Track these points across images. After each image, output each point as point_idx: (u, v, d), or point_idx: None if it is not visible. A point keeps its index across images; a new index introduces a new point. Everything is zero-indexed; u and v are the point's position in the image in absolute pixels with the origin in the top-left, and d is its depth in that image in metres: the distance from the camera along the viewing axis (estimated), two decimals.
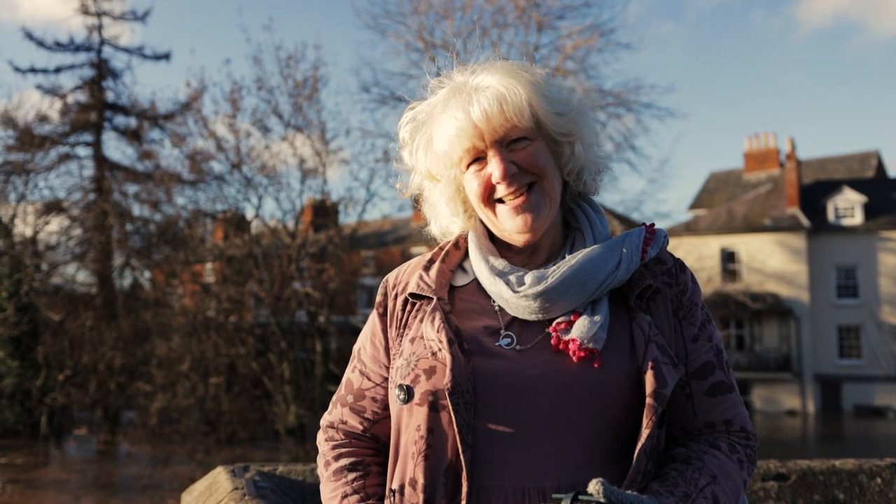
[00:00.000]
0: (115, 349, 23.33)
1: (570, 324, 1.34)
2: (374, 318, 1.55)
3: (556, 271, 1.37)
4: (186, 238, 23.76)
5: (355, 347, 1.59)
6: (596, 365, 1.30)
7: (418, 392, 1.35)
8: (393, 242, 34.63)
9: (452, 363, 1.31)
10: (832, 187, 32.87)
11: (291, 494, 2.44)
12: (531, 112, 1.36)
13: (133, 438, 22.83)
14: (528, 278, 1.38)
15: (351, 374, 1.56)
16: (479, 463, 1.30)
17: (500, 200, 1.41)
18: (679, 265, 1.47)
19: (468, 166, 1.43)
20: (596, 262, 1.37)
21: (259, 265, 21.12)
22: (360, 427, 1.52)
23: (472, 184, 1.42)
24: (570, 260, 1.38)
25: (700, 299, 1.47)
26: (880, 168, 36.71)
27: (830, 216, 32.03)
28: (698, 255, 30.08)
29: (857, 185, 32.74)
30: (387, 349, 1.50)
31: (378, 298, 1.56)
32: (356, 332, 23.84)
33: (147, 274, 28.60)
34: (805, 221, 31.25)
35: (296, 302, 21.20)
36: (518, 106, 1.35)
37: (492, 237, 1.51)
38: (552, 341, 1.34)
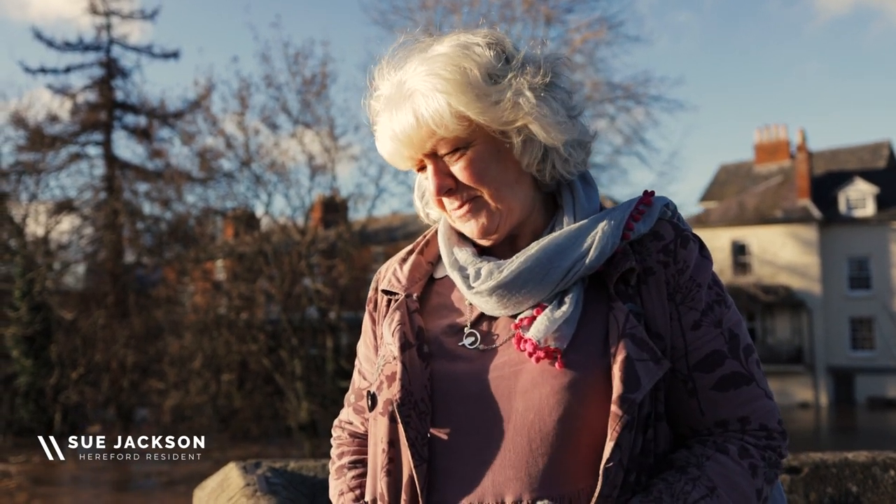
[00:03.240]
0: (128, 347, 23.47)
1: (533, 320, 1.20)
2: (366, 315, 1.47)
3: (513, 262, 1.22)
4: (197, 236, 23.88)
5: (358, 345, 1.53)
6: (558, 367, 1.16)
7: (381, 400, 1.25)
8: (403, 238, 34.60)
9: (402, 372, 1.22)
10: (844, 178, 32.65)
11: (303, 490, 2.44)
12: (455, 117, 1.18)
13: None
14: (484, 271, 1.24)
15: (355, 374, 1.52)
16: (437, 476, 1.20)
17: None
18: (681, 240, 1.26)
19: (418, 169, 1.30)
20: (561, 249, 1.21)
21: (269, 262, 21.20)
22: (362, 427, 1.47)
23: (426, 187, 1.29)
24: (531, 248, 1.23)
25: (706, 278, 1.26)
26: (892, 158, 36.42)
27: (842, 207, 31.84)
28: (709, 247, 29.59)
29: (868, 175, 32.52)
30: (376, 348, 1.42)
31: (369, 293, 1.46)
32: None
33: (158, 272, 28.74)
34: (816, 213, 31.08)
35: (306, 298, 21.27)
36: (436, 118, 1.18)
37: None
38: (515, 340, 1.21)
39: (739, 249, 32.34)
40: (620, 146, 23.96)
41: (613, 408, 1.13)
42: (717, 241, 31.49)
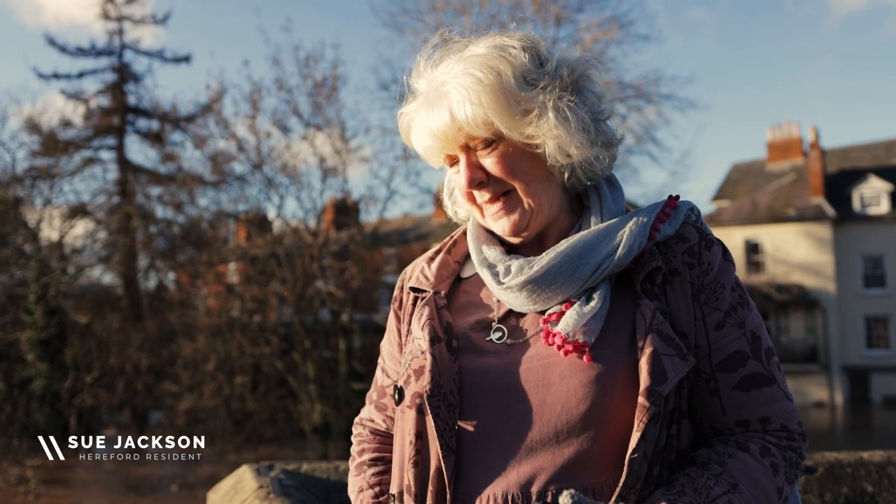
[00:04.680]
0: (142, 350, 23.57)
1: (562, 315, 1.22)
2: (391, 313, 1.51)
3: (543, 258, 1.25)
4: (210, 239, 23.99)
5: (381, 343, 1.57)
6: (586, 360, 1.19)
7: (408, 394, 1.28)
8: (414, 240, 34.69)
9: (432, 364, 1.24)
10: (857, 176, 32.44)
11: (315, 492, 2.45)
12: (485, 123, 1.23)
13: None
14: (514, 267, 1.27)
15: (377, 372, 1.55)
16: (465, 468, 1.22)
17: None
18: (705, 242, 1.29)
19: (449, 164, 1.34)
20: (590, 246, 1.24)
21: (282, 265, 21.24)
22: (384, 425, 1.50)
23: (456, 182, 1.33)
24: (561, 245, 1.26)
25: (730, 280, 1.29)
26: None
27: (856, 205, 31.63)
28: None
29: (883, 172, 32.29)
30: (400, 346, 1.45)
31: (395, 293, 1.51)
32: (379, 329, 23.96)
33: (172, 275, 28.89)
34: (830, 211, 30.88)
35: (319, 301, 21.30)
36: (467, 120, 1.23)
37: None
38: (543, 334, 1.23)
39: (752, 248, 32.17)
40: (632, 146, 23.84)
41: (641, 399, 1.15)
42: (730, 241, 31.34)
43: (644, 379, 1.16)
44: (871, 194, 31.45)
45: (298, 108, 21.45)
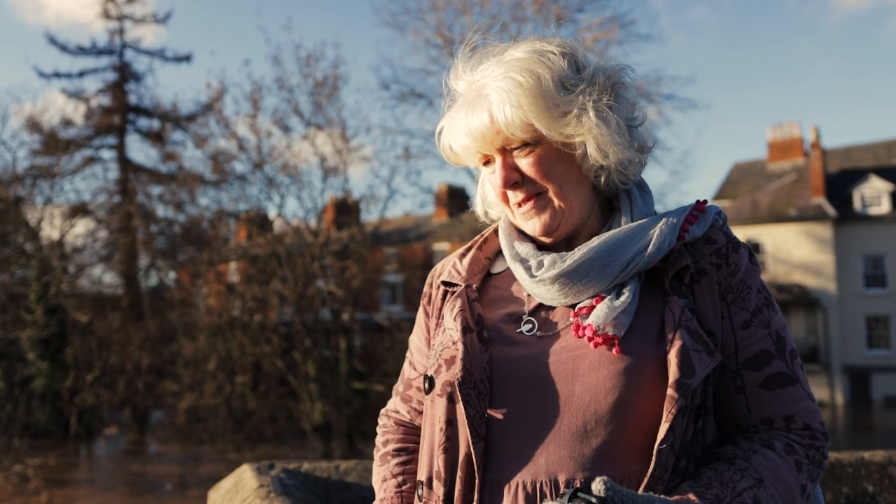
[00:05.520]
0: (143, 349, 23.60)
1: (592, 309, 1.26)
2: (420, 308, 1.55)
3: (576, 253, 1.29)
4: (210, 238, 24.00)
5: (410, 338, 1.60)
6: (615, 352, 1.22)
7: (439, 382, 1.31)
8: (415, 239, 34.66)
9: (464, 353, 1.28)
10: (858, 176, 32.42)
11: (316, 491, 2.45)
12: (524, 125, 1.26)
13: (162, 438, 23.14)
14: (547, 261, 1.31)
15: (405, 365, 1.59)
16: (494, 455, 1.25)
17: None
18: (732, 245, 1.34)
19: (484, 164, 1.37)
20: (621, 243, 1.28)
21: (282, 264, 21.26)
22: (409, 416, 1.53)
23: (491, 181, 1.37)
24: (593, 241, 1.29)
25: (756, 282, 1.34)
26: None
27: (857, 205, 31.61)
28: None
29: (884, 172, 32.27)
30: (428, 340, 1.50)
31: (425, 289, 1.55)
32: (380, 329, 23.96)
33: (172, 274, 28.90)
34: (831, 211, 30.86)
35: (319, 300, 21.31)
36: (506, 122, 1.26)
37: None
38: (573, 327, 1.27)
39: (753, 248, 32.10)
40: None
41: (670, 391, 1.19)
42: None
43: (673, 372, 1.19)
44: (872, 194, 31.43)
45: (299, 108, 21.53)
